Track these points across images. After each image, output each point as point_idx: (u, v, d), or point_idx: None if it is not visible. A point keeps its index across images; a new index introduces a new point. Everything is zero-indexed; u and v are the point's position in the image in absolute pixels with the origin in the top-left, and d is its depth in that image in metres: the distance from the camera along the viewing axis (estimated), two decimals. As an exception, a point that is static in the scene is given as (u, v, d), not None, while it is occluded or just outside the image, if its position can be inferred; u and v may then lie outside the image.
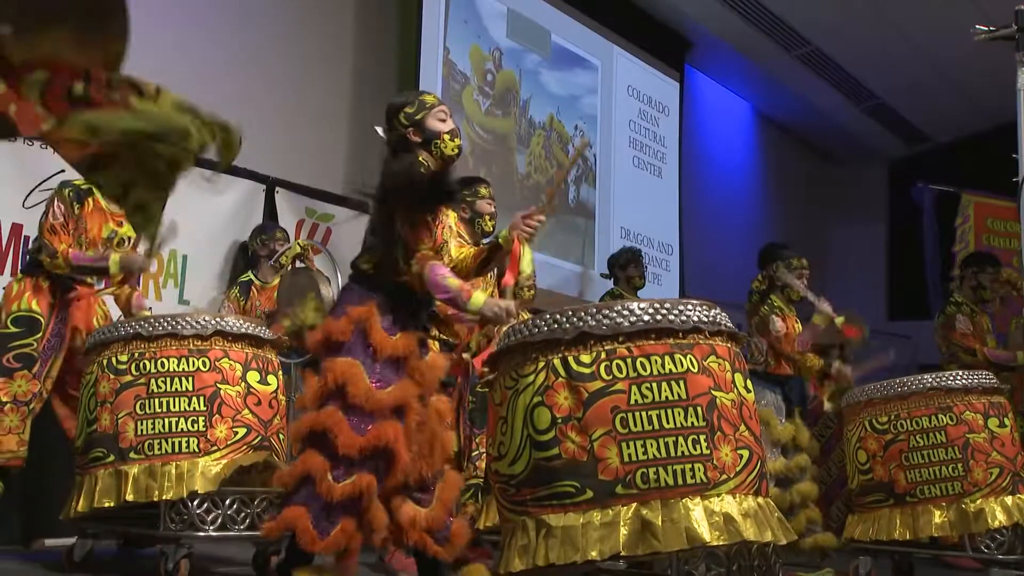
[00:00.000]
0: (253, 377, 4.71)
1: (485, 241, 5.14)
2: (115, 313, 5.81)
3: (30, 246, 5.53)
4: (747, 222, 13.67)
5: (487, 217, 5.54)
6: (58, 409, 5.44)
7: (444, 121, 4.09)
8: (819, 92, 13.57)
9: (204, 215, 7.12)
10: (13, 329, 5.31)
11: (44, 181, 6.28)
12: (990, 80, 12.13)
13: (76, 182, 5.52)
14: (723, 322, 3.24)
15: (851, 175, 15.79)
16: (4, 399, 5.22)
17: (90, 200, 5.46)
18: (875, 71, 13.01)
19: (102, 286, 5.64)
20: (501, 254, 4.14)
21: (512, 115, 9.89)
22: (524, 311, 5.08)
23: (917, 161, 14.87)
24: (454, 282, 3.82)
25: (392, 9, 9.18)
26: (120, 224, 5.54)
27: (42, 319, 5.34)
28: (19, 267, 6.08)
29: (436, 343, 4.66)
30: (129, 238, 5.61)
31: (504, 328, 3.76)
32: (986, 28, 5.57)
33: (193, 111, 2.31)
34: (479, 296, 3.80)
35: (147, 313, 5.55)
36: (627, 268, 7.53)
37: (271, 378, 4.81)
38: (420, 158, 4.07)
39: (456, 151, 4.11)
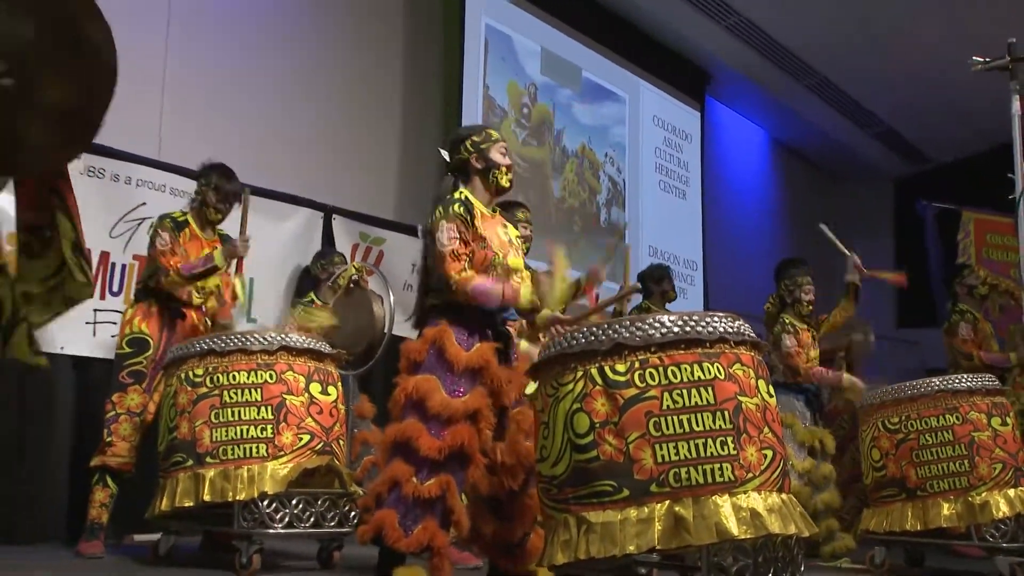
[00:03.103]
0: (315, 388, 4.74)
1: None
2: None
3: (138, 276, 5.61)
4: (764, 239, 13.65)
5: (522, 240, 5.56)
6: None
7: (504, 156, 4.12)
8: (828, 118, 13.55)
9: (269, 241, 7.16)
10: (127, 349, 5.43)
11: (128, 213, 6.36)
12: (987, 105, 12.07)
13: (174, 213, 5.65)
14: (747, 332, 3.23)
15: (859, 194, 15.71)
16: (119, 411, 5.32)
17: (187, 230, 5.58)
18: (880, 98, 12.98)
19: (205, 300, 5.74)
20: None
21: (547, 145, 9.91)
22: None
23: (920, 180, 14.81)
24: (497, 289, 3.88)
25: (437, 52, 9.21)
26: (214, 248, 5.62)
27: (151, 340, 5.44)
28: (107, 290, 6.19)
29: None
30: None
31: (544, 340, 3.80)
32: (982, 59, 5.56)
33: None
34: (526, 291, 3.88)
35: (232, 324, 5.61)
36: (661, 283, 7.57)
37: (331, 389, 4.84)
38: (473, 185, 4.11)
39: (508, 184, 4.15)
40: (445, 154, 4.28)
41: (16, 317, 2.09)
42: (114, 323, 5.92)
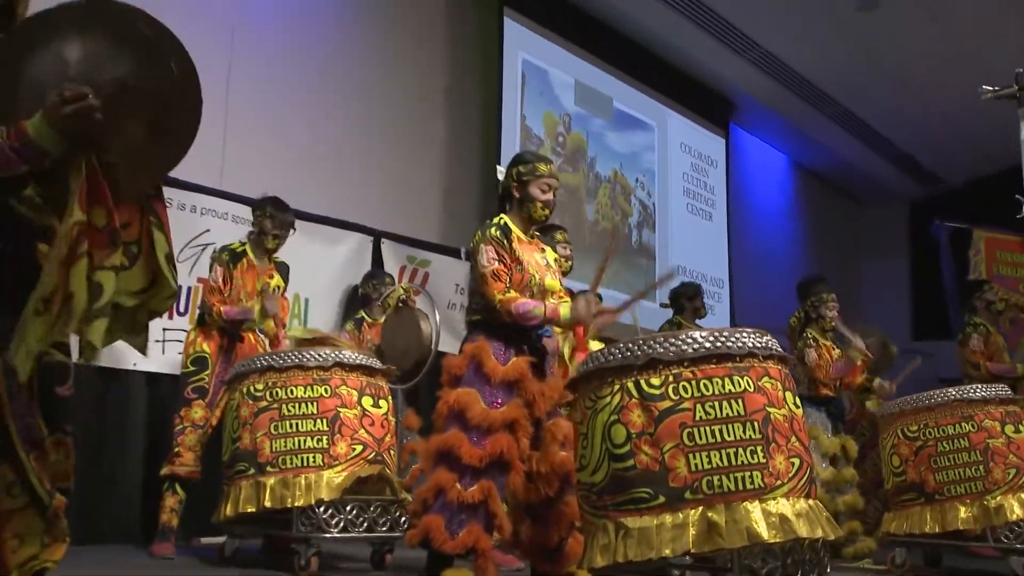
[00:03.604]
0: (367, 401, 4.75)
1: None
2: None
3: (199, 299, 5.67)
4: (787, 258, 13.60)
5: (563, 259, 5.56)
6: None
7: (544, 192, 4.10)
8: (847, 144, 13.50)
9: (322, 264, 7.22)
10: (191, 367, 5.52)
11: (193, 239, 6.43)
12: (996, 131, 12.04)
13: (233, 245, 5.71)
14: (774, 347, 3.21)
15: (877, 215, 15.65)
16: (185, 424, 5.38)
17: (244, 261, 5.64)
18: (895, 125, 12.93)
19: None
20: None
21: (581, 171, 9.91)
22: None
23: (934, 202, 14.66)
24: (539, 309, 3.90)
25: (477, 85, 9.24)
26: (271, 276, 5.72)
27: (210, 358, 5.52)
28: (175, 311, 6.29)
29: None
30: (279, 287, 5.79)
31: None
32: (991, 88, 5.52)
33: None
34: (565, 308, 3.89)
35: (287, 344, 5.65)
36: (694, 300, 7.60)
37: (382, 402, 4.85)
38: (511, 214, 4.11)
39: (543, 218, 4.14)
40: (501, 173, 4.30)
41: (101, 311, 2.11)
42: (181, 341, 5.97)
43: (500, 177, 4.32)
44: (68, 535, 2.33)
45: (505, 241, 3.99)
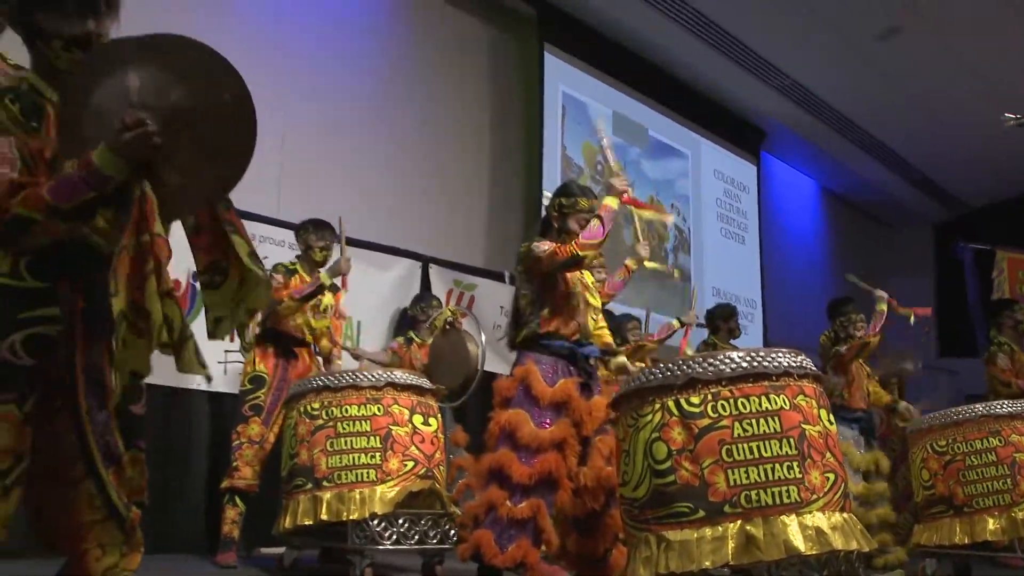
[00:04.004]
0: (418, 420, 4.75)
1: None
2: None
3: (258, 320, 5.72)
4: (816, 279, 13.54)
5: (598, 283, 5.56)
6: None
7: (581, 225, 4.11)
8: (873, 169, 13.42)
9: (373, 288, 7.25)
10: (248, 386, 5.55)
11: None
12: (1016, 156, 12.06)
13: (285, 263, 5.73)
14: (808, 366, 3.20)
15: (902, 237, 15.57)
16: (243, 440, 5.40)
17: (296, 277, 5.66)
18: (919, 151, 12.88)
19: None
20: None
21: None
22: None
23: (957, 224, 14.65)
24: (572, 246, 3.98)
25: (520, 118, 9.27)
26: (322, 294, 5.71)
27: (267, 377, 5.54)
28: (235, 333, 6.27)
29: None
30: (329, 306, 5.82)
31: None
32: (1013, 116, 5.49)
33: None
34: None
35: (339, 364, 5.67)
36: (729, 321, 7.60)
37: (432, 420, 4.85)
38: (549, 238, 4.13)
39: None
40: (547, 198, 4.33)
41: (184, 335, 2.13)
42: (241, 363, 6.01)
43: (546, 202, 4.35)
44: (143, 545, 2.36)
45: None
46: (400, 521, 4.61)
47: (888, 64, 10.56)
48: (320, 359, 5.81)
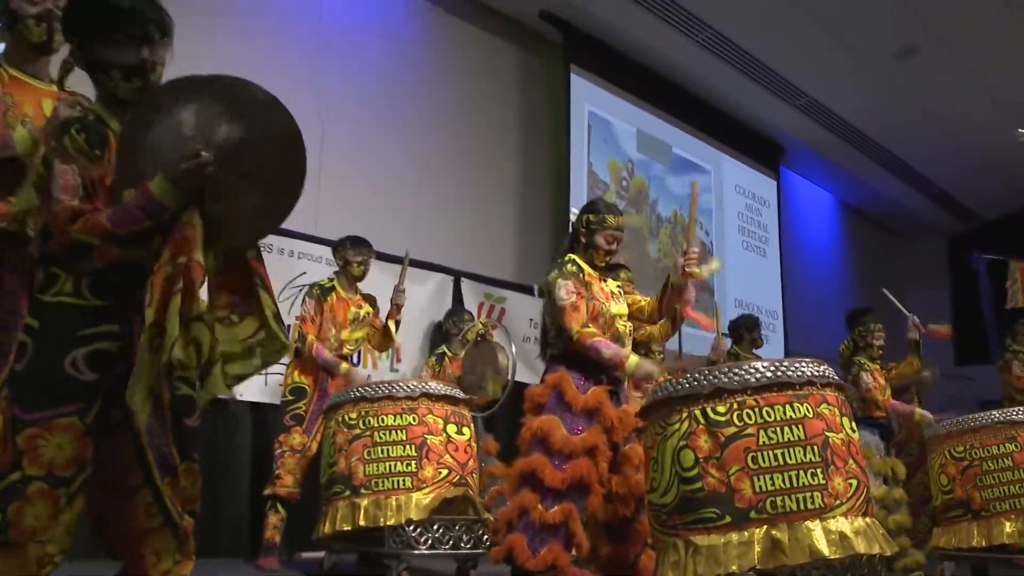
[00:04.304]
0: (452, 429, 4.77)
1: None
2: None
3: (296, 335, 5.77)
4: (835, 290, 13.49)
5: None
6: None
7: (608, 243, 4.12)
8: (889, 183, 13.38)
9: (408, 302, 7.25)
10: (289, 397, 5.59)
11: (291, 281, 6.52)
12: (1027, 170, 12.04)
13: (322, 281, 5.78)
14: (831, 376, 3.20)
15: (918, 249, 15.48)
16: (285, 448, 5.45)
17: (333, 295, 5.70)
18: (933, 165, 12.82)
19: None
20: (673, 292, 4.22)
21: (644, 212, 9.91)
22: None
23: (971, 236, 14.57)
24: (608, 351, 3.89)
25: (547, 137, 9.30)
26: (360, 306, 5.81)
27: (308, 388, 5.57)
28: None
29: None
30: (368, 313, 5.86)
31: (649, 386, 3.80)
32: (1024, 131, 5.48)
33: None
34: (632, 360, 3.87)
35: (362, 376, 5.70)
36: (752, 331, 7.57)
37: (465, 429, 4.87)
38: (576, 253, 4.13)
39: (603, 264, 4.15)
40: (574, 215, 4.33)
41: (212, 358, 2.17)
42: (281, 374, 6.04)
43: (573, 218, 4.34)
44: (194, 553, 2.39)
45: (580, 275, 4.03)
46: (435, 527, 4.63)
47: (904, 82, 10.53)
48: (353, 372, 5.80)
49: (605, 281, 4.23)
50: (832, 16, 9.27)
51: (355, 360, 5.89)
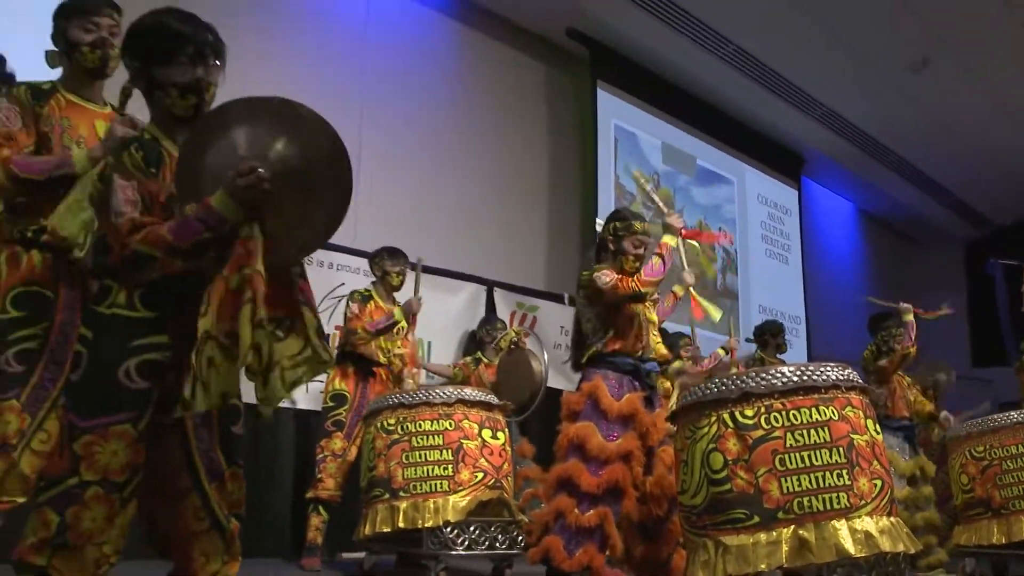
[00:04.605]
0: (487, 434, 4.76)
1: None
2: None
3: (336, 343, 5.78)
4: (856, 295, 13.39)
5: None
6: None
7: (636, 247, 4.13)
8: (906, 191, 13.28)
9: (442, 311, 7.30)
10: (330, 403, 5.61)
11: (331, 292, 6.56)
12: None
13: (360, 290, 5.79)
14: (855, 379, 3.18)
15: (935, 255, 15.32)
16: (326, 453, 5.47)
17: (372, 302, 5.73)
18: (949, 173, 12.71)
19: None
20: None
21: (669, 223, 9.87)
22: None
23: (987, 242, 14.45)
24: (653, 273, 3.98)
25: (575, 150, 9.32)
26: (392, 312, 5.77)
27: (348, 394, 5.59)
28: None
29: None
30: (404, 327, 5.83)
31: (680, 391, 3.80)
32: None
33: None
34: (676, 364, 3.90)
35: (411, 383, 5.70)
36: (777, 336, 7.57)
37: (500, 434, 4.86)
38: (605, 260, 4.14)
39: (633, 269, 4.15)
40: (599, 225, 4.34)
41: (272, 363, 2.19)
42: (321, 382, 6.07)
43: (598, 229, 4.36)
44: (241, 555, 2.41)
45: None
46: (471, 528, 4.63)
47: (919, 93, 10.47)
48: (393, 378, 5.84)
49: None
50: (849, 31, 9.24)
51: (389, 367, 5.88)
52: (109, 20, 3.16)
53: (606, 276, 3.98)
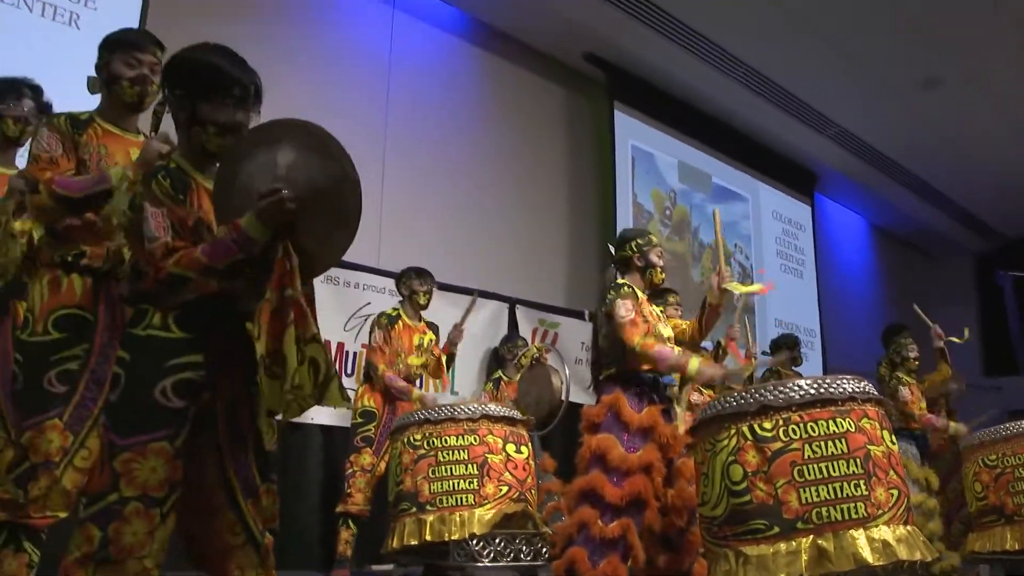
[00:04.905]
0: (511, 448, 4.75)
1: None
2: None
3: (363, 361, 5.81)
4: (869, 307, 13.39)
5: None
6: None
7: (659, 258, 4.17)
8: (917, 206, 13.28)
9: (466, 328, 7.29)
10: (359, 420, 5.61)
11: (357, 311, 6.59)
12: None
13: (388, 311, 5.82)
14: (871, 391, 3.17)
15: (946, 267, 15.31)
16: (355, 468, 5.48)
17: (399, 323, 5.74)
18: (959, 188, 12.73)
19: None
20: (710, 311, 4.30)
21: (686, 239, 9.89)
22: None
23: (997, 254, 14.50)
24: (673, 356, 3.88)
25: (593, 169, 9.34)
26: (424, 333, 5.86)
27: (376, 412, 5.60)
28: (343, 372, 6.42)
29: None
30: (432, 340, 5.89)
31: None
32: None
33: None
34: (694, 362, 3.85)
35: (432, 397, 5.72)
36: (793, 349, 7.53)
37: (523, 448, 4.84)
38: (632, 279, 4.15)
39: (661, 282, 4.17)
40: (612, 249, 4.34)
41: (329, 375, 2.22)
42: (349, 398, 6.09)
43: (612, 251, 4.36)
44: (274, 569, 2.43)
45: (638, 296, 4.05)
46: (497, 540, 4.62)
47: (929, 110, 10.48)
48: (425, 397, 5.84)
49: (652, 305, 4.26)
50: (860, 51, 9.25)
51: (419, 384, 5.90)
52: (151, 57, 3.20)
53: (623, 310, 3.98)
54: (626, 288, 4.05)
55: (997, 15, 8.57)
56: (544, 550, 4.72)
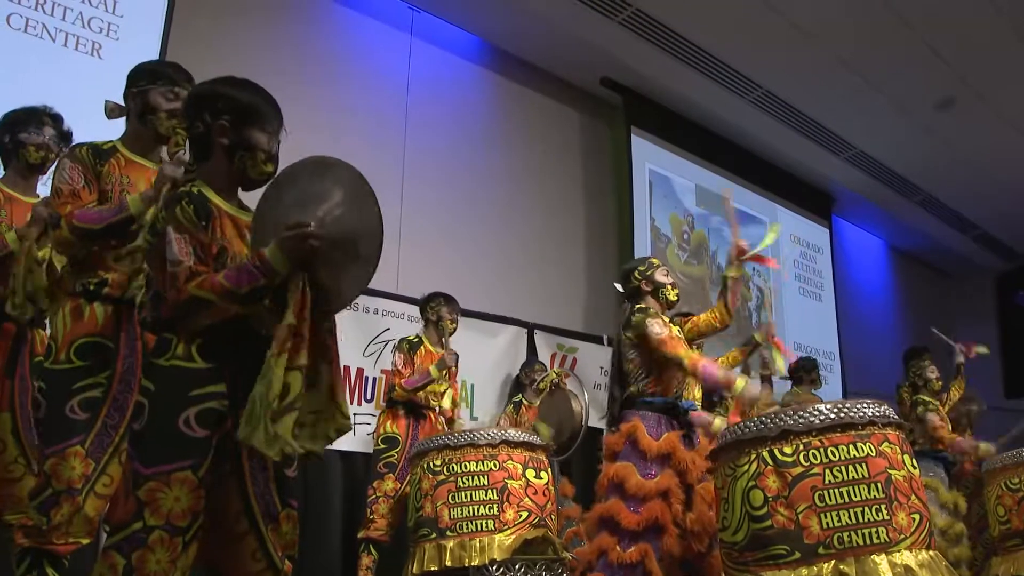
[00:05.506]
0: (530, 473, 4.73)
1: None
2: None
3: (384, 386, 5.82)
4: (888, 330, 13.30)
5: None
6: None
7: (666, 276, 4.19)
8: (935, 227, 13.21)
9: (485, 354, 7.31)
10: (382, 446, 5.62)
11: (376, 336, 6.60)
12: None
13: (409, 337, 5.83)
14: (891, 415, 3.15)
15: (965, 288, 15.17)
16: (378, 494, 5.48)
17: (421, 348, 5.75)
18: (976, 208, 12.64)
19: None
20: (734, 285, 4.48)
21: (704, 263, 9.87)
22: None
23: (1016, 274, 14.40)
24: (720, 374, 3.90)
25: (611, 194, 9.35)
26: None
27: (400, 437, 5.60)
28: (362, 397, 6.43)
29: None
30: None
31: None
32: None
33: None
34: (740, 383, 3.86)
35: (462, 423, 5.72)
36: (811, 372, 7.49)
37: (543, 473, 4.82)
38: (648, 303, 4.16)
39: (676, 298, 4.19)
40: (619, 287, 4.35)
41: (288, 407, 2.22)
42: (368, 424, 6.10)
43: (619, 289, 4.39)
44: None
45: (665, 315, 4.08)
46: (517, 566, 4.59)
47: (945, 131, 10.44)
48: (443, 420, 5.86)
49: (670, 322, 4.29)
50: (875, 72, 9.24)
51: (436, 411, 5.91)
52: (185, 92, 3.25)
53: (657, 327, 3.99)
54: (652, 311, 4.08)
55: (1015, 33, 8.57)
56: (564, 575, 4.70)
